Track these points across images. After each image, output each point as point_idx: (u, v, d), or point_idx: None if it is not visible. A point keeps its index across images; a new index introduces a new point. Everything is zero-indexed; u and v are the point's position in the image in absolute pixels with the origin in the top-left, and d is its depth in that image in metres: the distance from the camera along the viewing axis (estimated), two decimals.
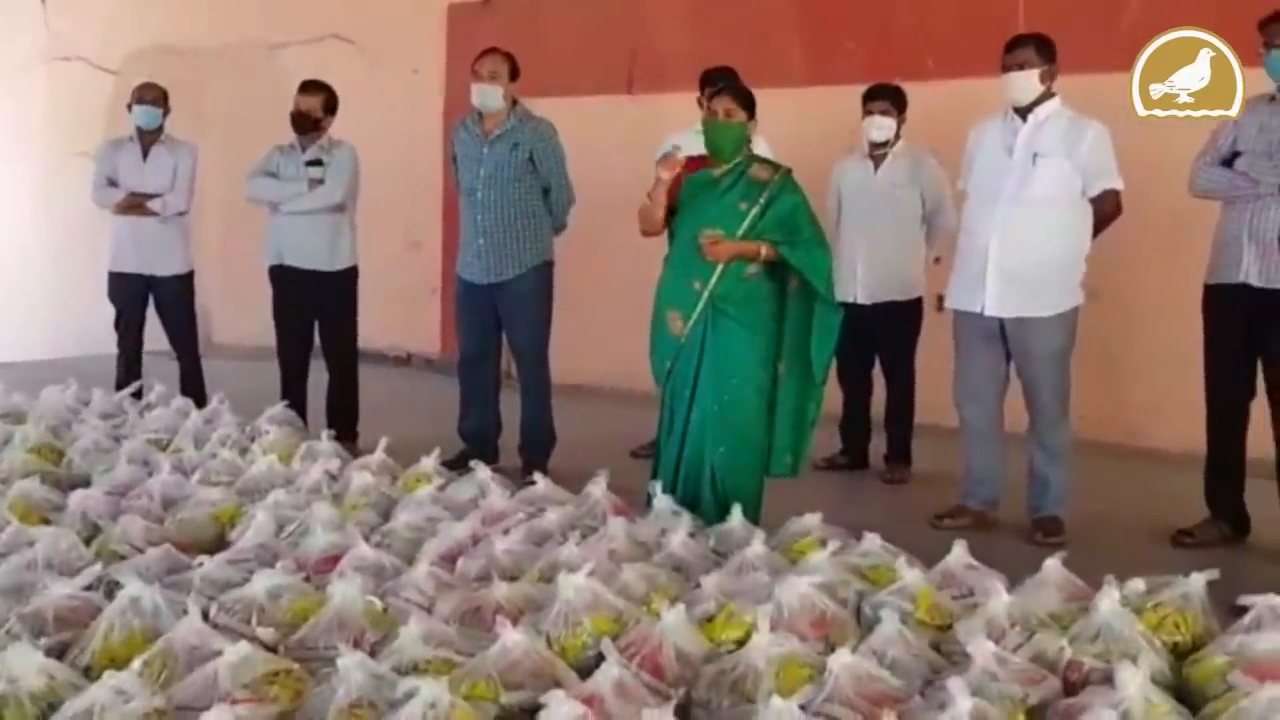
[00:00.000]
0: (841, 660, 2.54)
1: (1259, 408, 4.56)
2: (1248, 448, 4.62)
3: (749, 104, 4.53)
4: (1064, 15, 6.17)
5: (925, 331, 5.72)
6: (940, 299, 5.11)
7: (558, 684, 2.55)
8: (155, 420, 5.26)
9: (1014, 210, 4.59)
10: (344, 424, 5.77)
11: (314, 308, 5.95)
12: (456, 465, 4.94)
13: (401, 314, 8.65)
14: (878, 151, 5.62)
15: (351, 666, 2.51)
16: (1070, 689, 2.70)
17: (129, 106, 6.14)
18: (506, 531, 3.72)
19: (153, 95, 6.10)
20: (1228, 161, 4.44)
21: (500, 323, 5.52)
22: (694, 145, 5.71)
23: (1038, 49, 4.67)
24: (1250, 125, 4.40)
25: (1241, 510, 4.66)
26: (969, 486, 4.87)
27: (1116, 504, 5.06)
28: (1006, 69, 4.66)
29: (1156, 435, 6.02)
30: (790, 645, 2.71)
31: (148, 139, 6.15)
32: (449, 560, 3.51)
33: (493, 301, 5.47)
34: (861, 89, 5.77)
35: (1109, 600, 2.87)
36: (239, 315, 8.66)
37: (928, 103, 5.90)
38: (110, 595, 3.05)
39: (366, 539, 3.56)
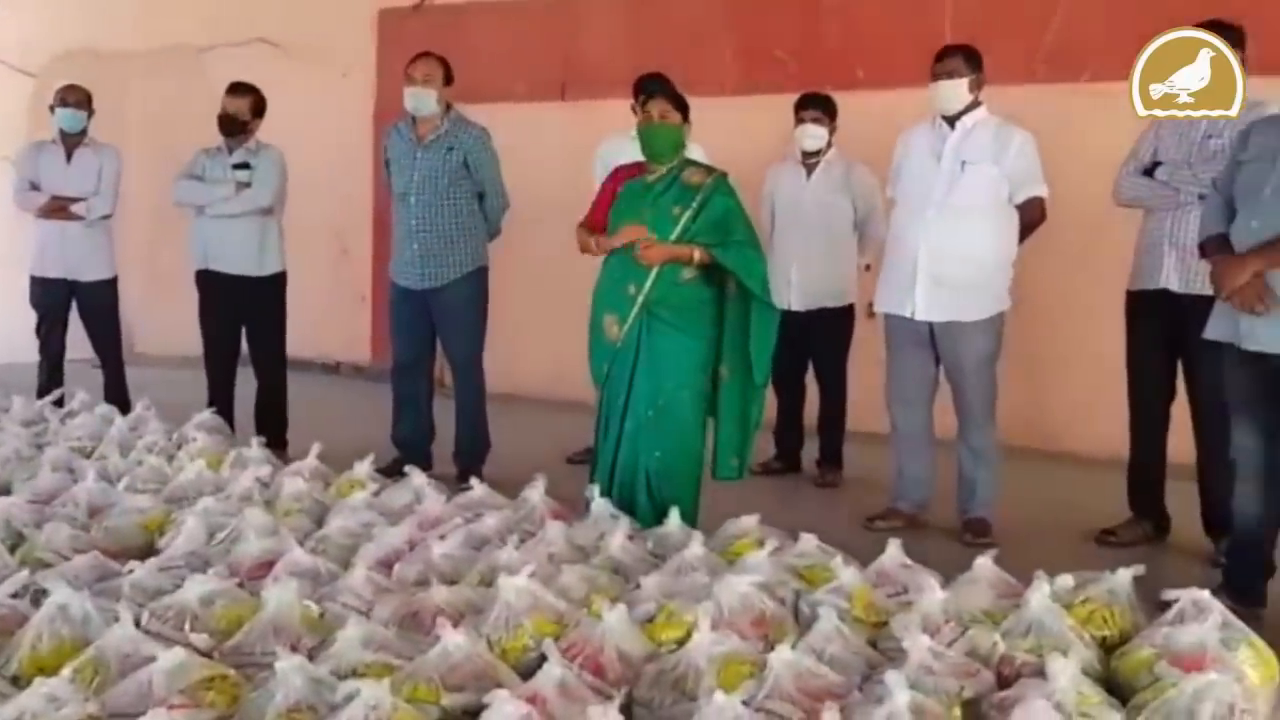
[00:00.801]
0: (782, 657, 2.56)
1: (1178, 409, 4.68)
2: (1167, 450, 4.74)
3: (683, 107, 4.57)
4: (990, 28, 6.28)
5: (855, 339, 5.79)
6: (870, 306, 5.18)
7: (499, 685, 2.54)
8: (79, 427, 5.17)
9: (942, 216, 4.67)
10: (273, 431, 5.70)
11: (242, 313, 5.89)
12: (390, 473, 4.90)
13: (330, 321, 8.56)
14: (810, 160, 5.68)
15: (289, 670, 2.49)
16: (1004, 682, 2.75)
17: (51, 109, 6.04)
18: (443, 536, 3.70)
19: (76, 98, 6.00)
20: (1149, 171, 4.55)
21: (434, 329, 5.50)
22: (627, 150, 5.79)
23: (966, 59, 4.76)
24: (1169, 135, 4.50)
25: (1162, 511, 4.76)
26: (900, 489, 4.94)
27: (1041, 506, 5.15)
28: (936, 78, 4.74)
29: (1078, 439, 6.14)
30: (731, 643, 2.73)
31: (71, 142, 6.05)
32: (386, 565, 3.49)
33: (427, 307, 5.44)
34: (793, 98, 5.83)
35: (1039, 596, 2.93)
36: (163, 322, 8.51)
37: (858, 112, 5.97)
38: (37, 603, 2.99)
39: (300, 544, 3.52)
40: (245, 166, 5.81)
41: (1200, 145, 4.42)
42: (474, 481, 4.37)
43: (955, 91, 4.72)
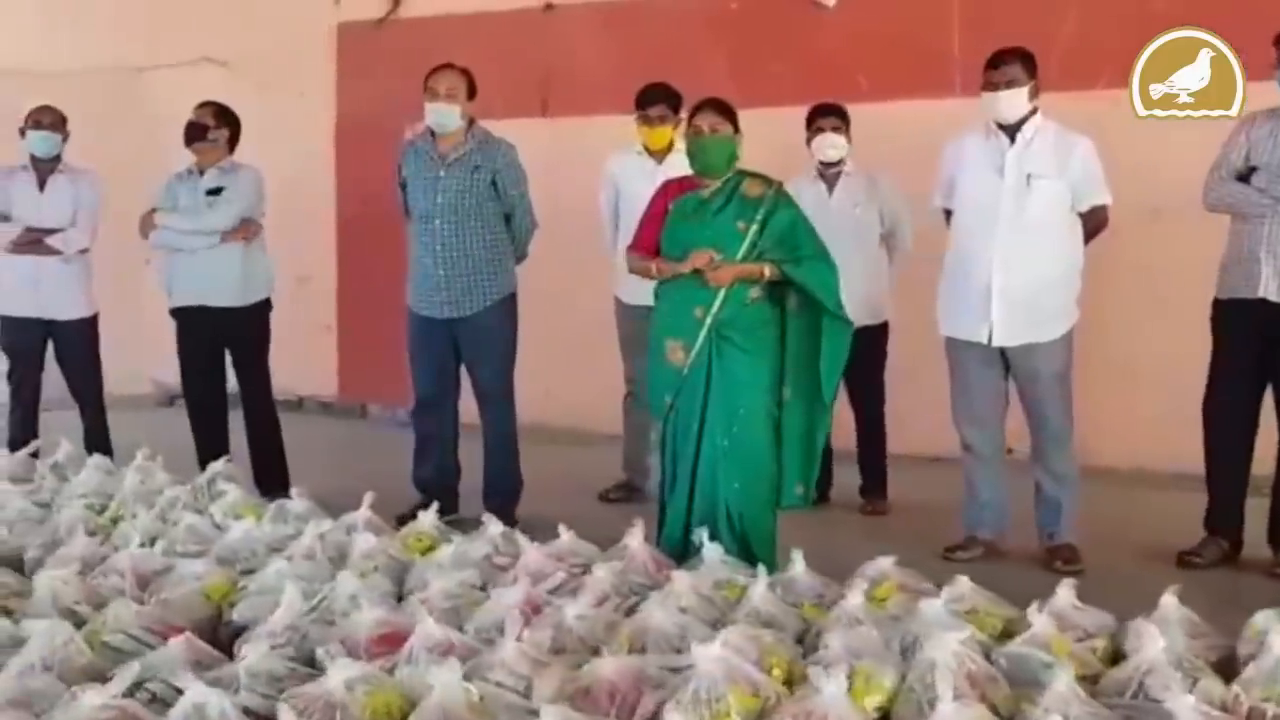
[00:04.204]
0: None
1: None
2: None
3: (733, 116, 4.34)
4: (999, 36, 6.12)
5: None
6: None
7: None
8: (81, 484, 4.65)
9: (1013, 234, 4.48)
10: (275, 477, 5.28)
11: (226, 348, 5.47)
12: (410, 519, 4.52)
13: (292, 354, 7.99)
14: (830, 171, 5.44)
15: None
16: None
17: (22, 132, 5.51)
18: (555, 591, 3.35)
19: (50, 119, 5.52)
20: (1243, 177, 4.41)
21: (459, 360, 5.13)
22: (634, 166, 5.54)
23: (1024, 65, 4.57)
24: (1263, 140, 4.37)
25: (1240, 527, 4.62)
26: (975, 515, 4.72)
27: (1105, 526, 4.95)
28: (994, 87, 4.54)
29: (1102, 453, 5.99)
30: (976, 710, 2.44)
31: (44, 168, 5.55)
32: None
33: (452, 338, 5.08)
34: (791, 111, 5.60)
35: (1279, 637, 2.68)
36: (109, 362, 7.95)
37: (861, 124, 5.76)
38: (153, 701, 2.58)
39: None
40: (218, 191, 5.37)
41: None
42: (562, 529, 3.98)
43: (1015, 101, 4.53)
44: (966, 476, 4.74)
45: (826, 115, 5.42)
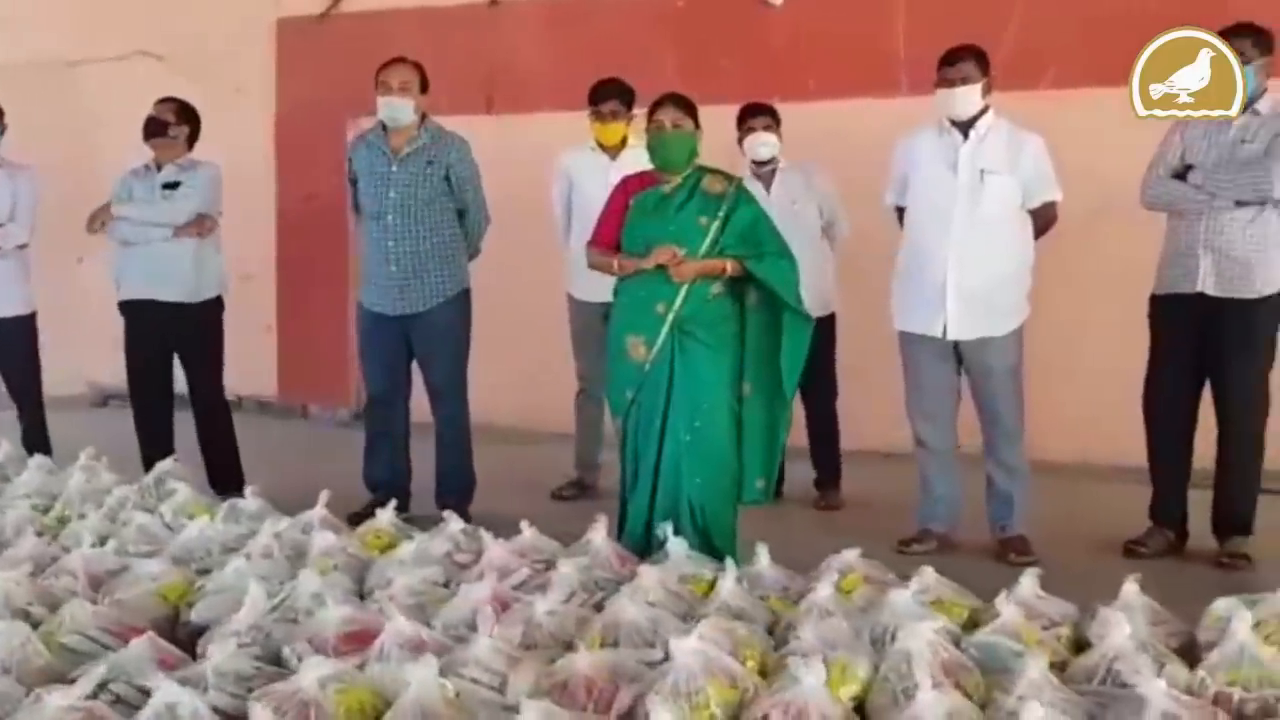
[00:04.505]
0: (1035, 715, 2.30)
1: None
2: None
3: (693, 112, 4.36)
4: (944, 36, 6.19)
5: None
6: None
7: None
8: (24, 483, 4.54)
9: (968, 230, 4.53)
10: (228, 477, 5.18)
11: (176, 345, 5.36)
12: (362, 518, 4.48)
13: (231, 353, 7.87)
14: (764, 169, 5.45)
15: None
16: None
17: None
18: (520, 587, 3.33)
19: None
20: (1180, 175, 4.49)
21: (411, 357, 5.08)
22: (588, 162, 5.52)
23: (977, 62, 4.62)
24: (1198, 139, 4.47)
25: (1184, 518, 4.70)
26: (929, 509, 4.75)
27: (1054, 518, 5.01)
28: (949, 84, 4.59)
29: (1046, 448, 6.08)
30: (953, 700, 2.45)
31: None
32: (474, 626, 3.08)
33: (404, 334, 5.02)
34: (736, 110, 5.62)
35: (1243, 625, 2.73)
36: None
37: (809, 123, 5.81)
38: (117, 702, 2.52)
39: None
40: (175, 186, 5.27)
41: (1233, 150, 4.40)
42: (524, 525, 3.96)
43: (969, 97, 4.58)
44: (921, 471, 4.78)
45: (756, 115, 5.44)
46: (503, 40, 7.39)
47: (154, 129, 5.30)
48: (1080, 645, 3.11)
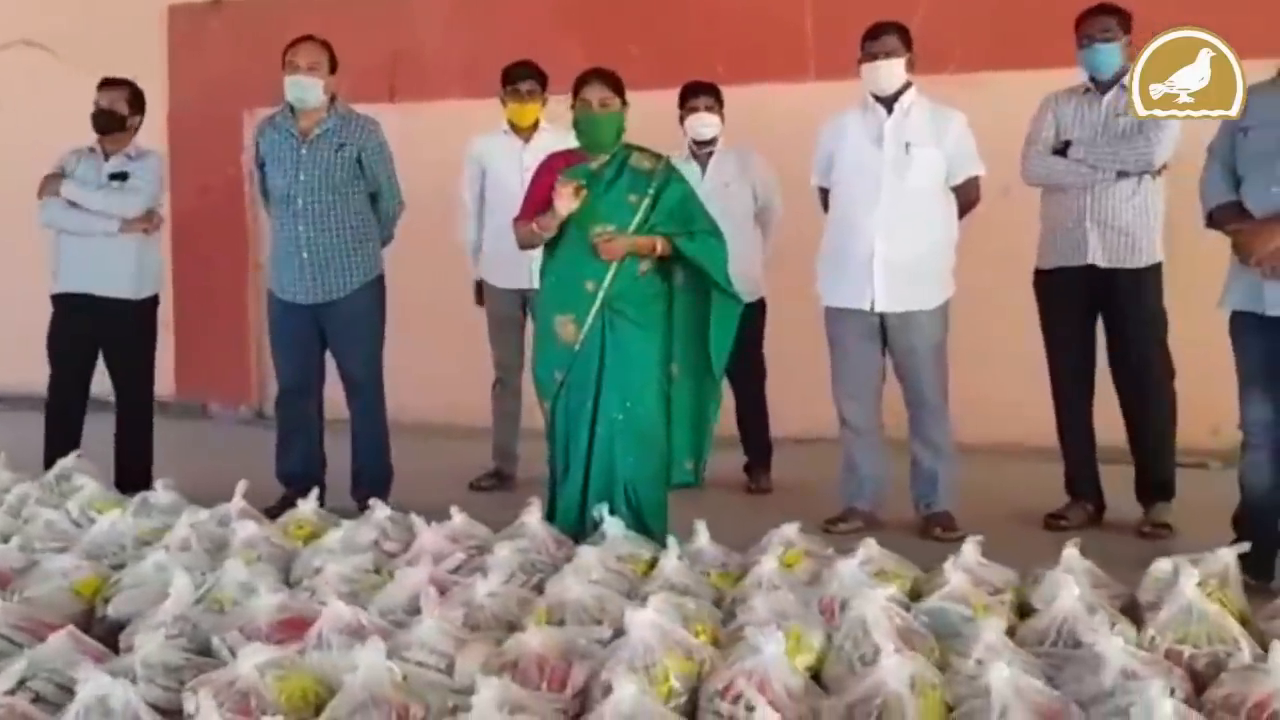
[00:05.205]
0: (1000, 675, 2.28)
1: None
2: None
3: (620, 89, 4.29)
4: (852, 21, 6.22)
5: None
6: None
7: None
8: None
9: (894, 202, 4.53)
10: (137, 475, 4.97)
11: (105, 342, 5.14)
12: (278, 512, 4.35)
13: None
14: (703, 151, 5.40)
15: None
16: (1196, 679, 2.56)
17: None
18: (456, 571, 3.23)
19: None
20: (1059, 151, 4.57)
21: (323, 347, 4.93)
22: (501, 146, 5.43)
23: (900, 37, 4.65)
24: (1069, 115, 4.58)
25: (1099, 489, 4.76)
26: (854, 488, 4.74)
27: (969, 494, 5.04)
28: (873, 57, 4.60)
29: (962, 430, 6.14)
30: (917, 665, 2.42)
31: None
32: (414, 612, 2.98)
33: (316, 324, 4.87)
34: (646, 95, 5.53)
35: (1190, 583, 2.75)
36: None
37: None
38: (37, 700, 2.37)
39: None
40: (123, 176, 5.07)
41: (1107, 124, 4.53)
42: (454, 510, 3.84)
43: (894, 71, 4.60)
44: (845, 450, 4.77)
45: (699, 94, 5.38)
46: (405, 27, 7.25)
47: (109, 123, 5.11)
48: (1024, 610, 3.12)
